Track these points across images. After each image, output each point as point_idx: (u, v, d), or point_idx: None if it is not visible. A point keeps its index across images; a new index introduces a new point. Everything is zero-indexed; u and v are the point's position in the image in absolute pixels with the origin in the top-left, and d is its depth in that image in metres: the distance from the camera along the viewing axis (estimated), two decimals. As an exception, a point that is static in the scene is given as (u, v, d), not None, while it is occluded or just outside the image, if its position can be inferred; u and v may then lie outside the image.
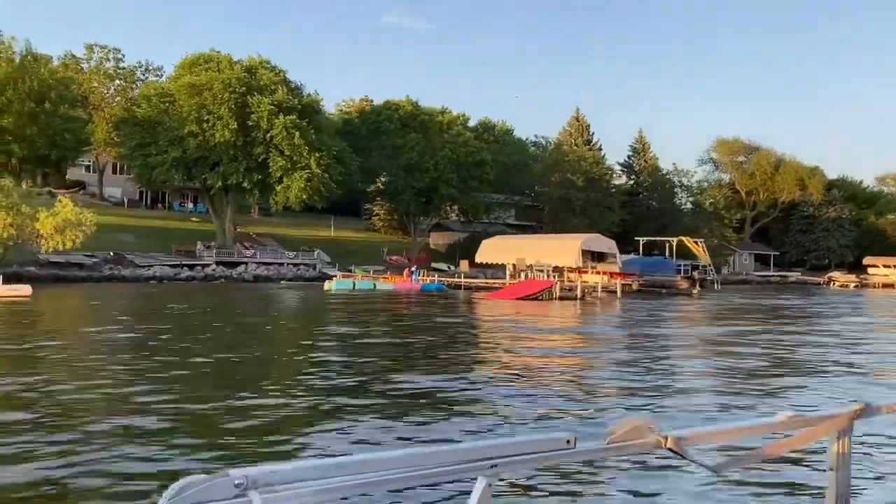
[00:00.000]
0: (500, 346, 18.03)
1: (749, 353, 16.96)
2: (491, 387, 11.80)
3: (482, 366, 14.56)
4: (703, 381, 12.97)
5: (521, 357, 15.93)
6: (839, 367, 14.81)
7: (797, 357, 16.72)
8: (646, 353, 17.10)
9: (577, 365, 15.04)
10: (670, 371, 14.14)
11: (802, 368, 14.92)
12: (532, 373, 13.63)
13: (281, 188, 51.19)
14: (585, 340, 20.47)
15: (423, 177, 60.52)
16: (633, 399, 10.98)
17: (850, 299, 49.36)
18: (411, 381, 12.04)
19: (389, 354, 16.17)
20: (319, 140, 51.86)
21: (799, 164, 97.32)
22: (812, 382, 12.90)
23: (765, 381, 12.96)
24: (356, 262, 58.34)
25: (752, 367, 14.64)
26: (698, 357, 16.92)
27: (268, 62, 55.66)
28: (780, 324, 26.40)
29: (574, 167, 70.31)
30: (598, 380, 12.95)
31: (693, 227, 77.92)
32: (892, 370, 15.10)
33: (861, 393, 11.29)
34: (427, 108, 64.58)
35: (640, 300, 38.78)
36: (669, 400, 10.98)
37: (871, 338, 21.93)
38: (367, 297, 35.58)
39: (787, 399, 11.28)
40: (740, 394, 11.66)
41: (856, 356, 16.72)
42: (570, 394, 11.36)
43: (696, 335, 22.10)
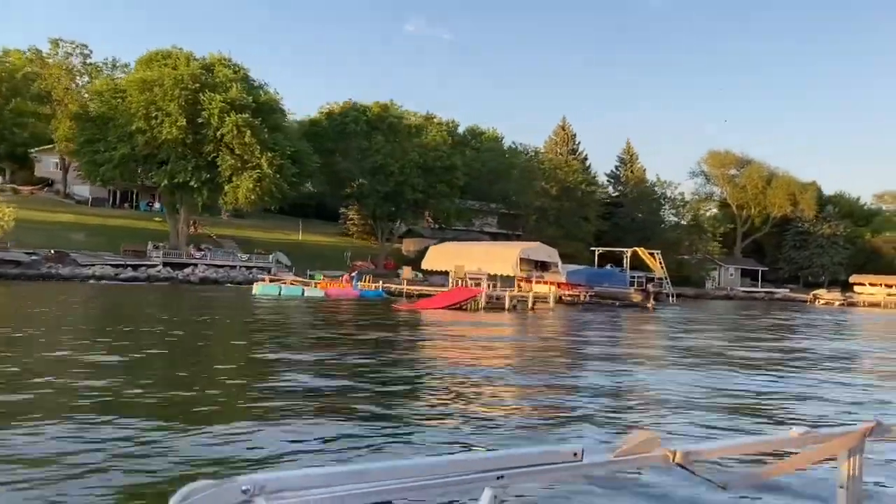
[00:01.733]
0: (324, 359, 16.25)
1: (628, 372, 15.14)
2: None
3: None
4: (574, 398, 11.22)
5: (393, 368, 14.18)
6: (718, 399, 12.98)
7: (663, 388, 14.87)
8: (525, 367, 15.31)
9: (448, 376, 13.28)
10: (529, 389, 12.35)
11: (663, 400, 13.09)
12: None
13: (230, 188, 49.72)
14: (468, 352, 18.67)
15: (389, 180, 58.92)
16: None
17: (825, 318, 47.20)
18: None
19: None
20: (273, 140, 50.40)
21: (791, 179, 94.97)
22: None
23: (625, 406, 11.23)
24: (321, 266, 56.86)
25: (613, 390, 12.84)
26: (575, 373, 15.10)
27: (228, 59, 54.42)
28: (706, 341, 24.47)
29: (549, 176, 68.48)
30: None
31: (674, 241, 75.86)
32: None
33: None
34: (396, 111, 63.03)
35: (580, 313, 36.88)
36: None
37: (794, 365, 19.98)
38: (282, 304, 33.92)
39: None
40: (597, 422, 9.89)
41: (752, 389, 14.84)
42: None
43: (587, 350, 20.24)
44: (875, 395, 14.15)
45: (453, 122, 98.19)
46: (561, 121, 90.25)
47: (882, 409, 12.57)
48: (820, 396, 13.30)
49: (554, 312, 35.19)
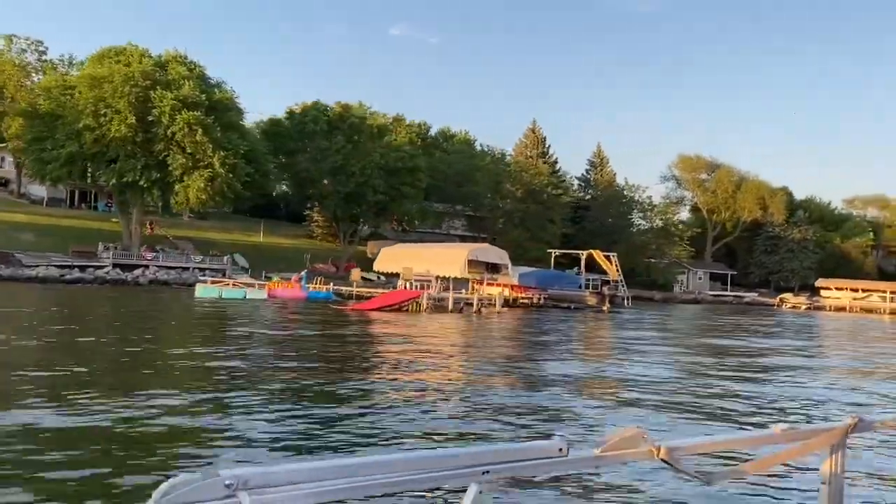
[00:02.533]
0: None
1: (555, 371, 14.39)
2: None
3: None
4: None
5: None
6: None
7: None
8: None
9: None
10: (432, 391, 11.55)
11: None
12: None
13: (181, 188, 48.55)
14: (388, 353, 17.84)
15: (350, 181, 57.97)
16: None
17: (784, 321, 46.90)
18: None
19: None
20: (227, 138, 49.31)
21: (761, 184, 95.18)
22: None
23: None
24: (282, 268, 55.81)
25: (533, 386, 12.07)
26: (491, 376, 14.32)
27: (183, 57, 53.31)
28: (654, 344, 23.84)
29: (515, 178, 67.88)
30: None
31: (641, 244, 75.56)
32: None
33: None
34: (359, 111, 62.10)
35: (530, 315, 36.18)
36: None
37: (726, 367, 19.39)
38: (219, 306, 32.93)
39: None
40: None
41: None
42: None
43: (504, 353, 19.50)
44: (777, 389, 13.53)
45: (424, 125, 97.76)
46: (531, 124, 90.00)
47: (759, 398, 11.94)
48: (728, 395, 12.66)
49: (500, 315, 34.47)
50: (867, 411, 11.23)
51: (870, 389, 15.26)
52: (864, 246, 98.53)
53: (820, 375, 17.58)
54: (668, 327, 34.07)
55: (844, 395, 14.18)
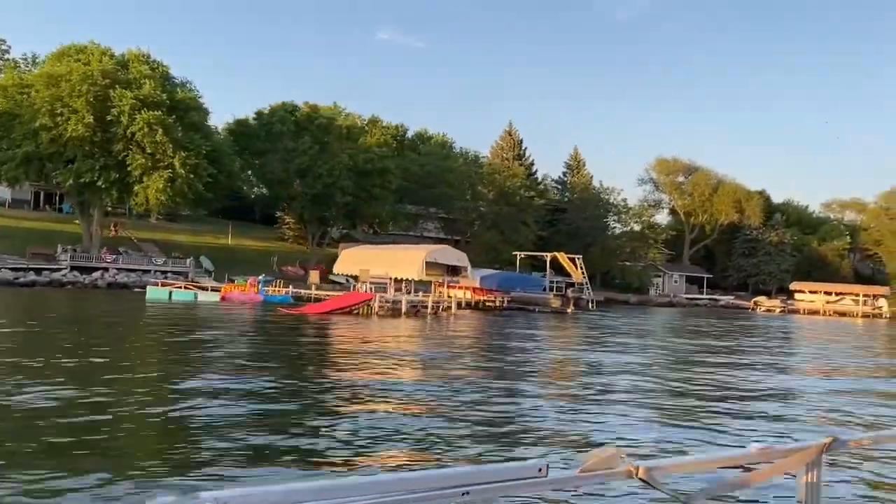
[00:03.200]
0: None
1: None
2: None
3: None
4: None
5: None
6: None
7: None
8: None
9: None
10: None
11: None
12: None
13: (140, 188, 47.59)
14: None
15: (317, 182, 57.14)
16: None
17: (747, 324, 46.54)
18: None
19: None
20: (189, 139, 48.40)
21: (737, 186, 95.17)
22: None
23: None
24: (248, 271, 54.91)
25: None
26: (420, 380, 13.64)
27: (145, 56, 52.38)
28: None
29: (487, 180, 67.29)
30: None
31: (616, 248, 75.20)
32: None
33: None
34: (326, 111, 61.28)
35: (488, 318, 35.56)
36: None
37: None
38: (167, 309, 32.08)
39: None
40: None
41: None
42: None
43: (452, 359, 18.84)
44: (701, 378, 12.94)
45: (402, 127, 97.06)
46: (508, 126, 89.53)
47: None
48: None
49: (456, 318, 33.81)
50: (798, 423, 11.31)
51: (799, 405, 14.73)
52: (840, 249, 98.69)
53: (762, 383, 17.05)
54: (624, 330, 33.54)
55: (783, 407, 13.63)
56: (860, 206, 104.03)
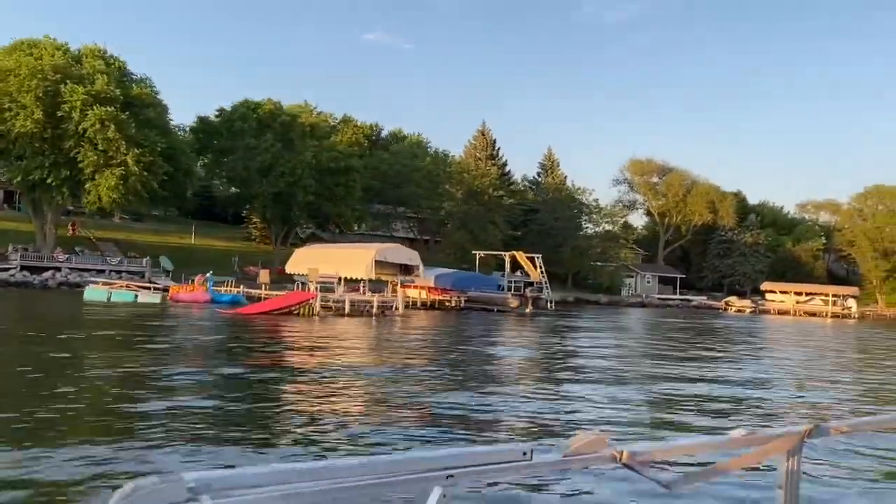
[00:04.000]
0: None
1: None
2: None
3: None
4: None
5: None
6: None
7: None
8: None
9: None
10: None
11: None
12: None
13: (92, 186, 46.43)
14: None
15: (279, 181, 56.13)
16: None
17: (712, 324, 46.10)
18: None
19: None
20: (143, 135, 47.28)
21: (711, 187, 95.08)
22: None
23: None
24: (210, 270, 53.88)
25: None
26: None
27: (100, 51, 51.21)
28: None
29: (456, 179, 66.52)
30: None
31: (587, 248, 74.73)
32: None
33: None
34: (290, 109, 60.25)
35: (439, 318, 34.78)
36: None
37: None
38: (104, 309, 31.04)
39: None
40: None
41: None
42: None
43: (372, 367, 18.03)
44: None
45: (376, 126, 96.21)
46: (481, 125, 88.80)
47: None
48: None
49: (404, 319, 33.02)
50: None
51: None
52: (814, 250, 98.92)
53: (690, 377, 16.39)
54: (578, 329, 32.91)
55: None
56: (834, 208, 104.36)
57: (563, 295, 72.32)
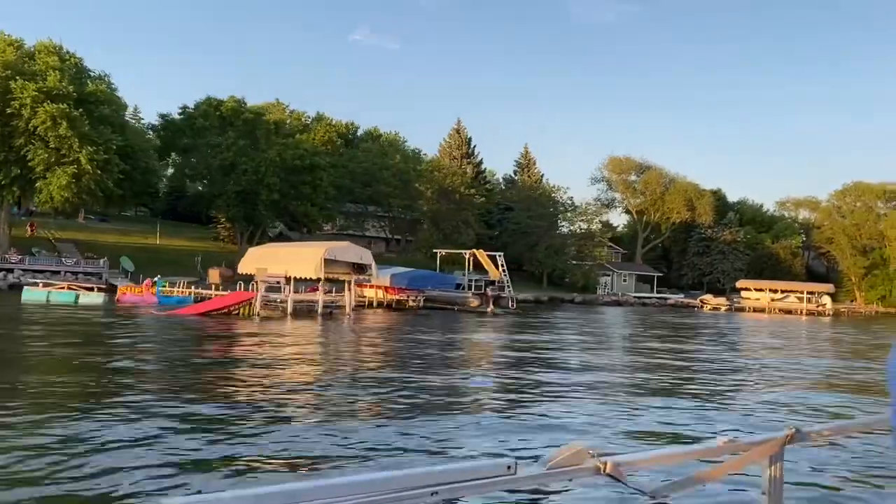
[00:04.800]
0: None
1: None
2: None
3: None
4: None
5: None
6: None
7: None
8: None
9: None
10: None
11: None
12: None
13: (43, 185, 45.26)
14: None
15: (241, 179, 55.04)
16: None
17: (683, 321, 45.42)
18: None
19: None
20: (97, 133, 46.11)
21: (689, 185, 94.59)
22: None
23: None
24: (172, 271, 52.73)
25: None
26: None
27: (56, 47, 49.98)
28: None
29: (426, 178, 65.57)
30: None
31: (560, 246, 74.02)
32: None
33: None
34: (263, 108, 59.09)
35: (392, 319, 33.87)
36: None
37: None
38: (33, 312, 29.96)
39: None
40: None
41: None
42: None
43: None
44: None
45: (352, 124, 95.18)
46: (456, 123, 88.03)
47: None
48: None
49: (357, 320, 32.10)
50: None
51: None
52: (793, 247, 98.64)
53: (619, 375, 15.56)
54: (533, 328, 32.09)
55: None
56: (813, 205, 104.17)
57: (538, 294, 71.57)
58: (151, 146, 53.80)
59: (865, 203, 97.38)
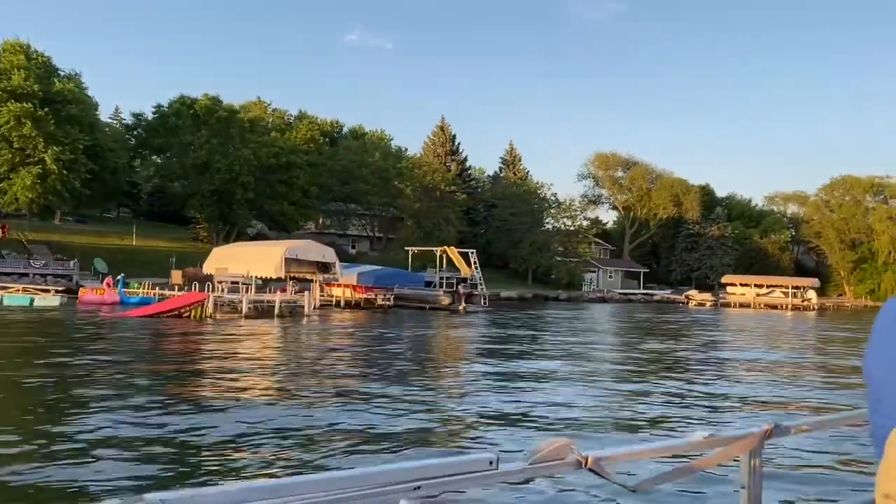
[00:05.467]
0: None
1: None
2: None
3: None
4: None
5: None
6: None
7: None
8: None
9: None
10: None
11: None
12: None
13: (7, 185, 44.55)
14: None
15: (215, 178, 54.31)
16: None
17: (654, 316, 44.84)
18: None
19: None
20: (64, 132, 45.41)
21: (675, 180, 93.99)
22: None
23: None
24: (147, 272, 52.04)
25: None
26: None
27: (24, 46, 49.26)
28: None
29: (406, 175, 64.85)
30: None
31: (543, 243, 73.40)
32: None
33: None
34: (228, 105, 58.31)
35: (358, 319, 33.19)
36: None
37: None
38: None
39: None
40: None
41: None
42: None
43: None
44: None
45: (337, 123, 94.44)
46: (440, 121, 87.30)
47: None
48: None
49: (321, 321, 31.41)
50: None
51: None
52: (781, 242, 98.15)
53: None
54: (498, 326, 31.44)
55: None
56: (802, 199, 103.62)
57: (522, 291, 71.01)
58: (122, 146, 53.04)
59: (854, 197, 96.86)
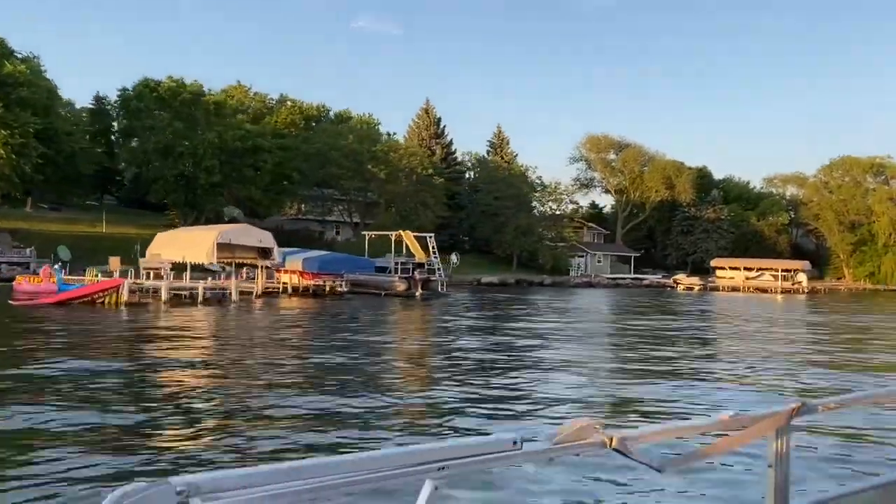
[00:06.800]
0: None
1: None
2: None
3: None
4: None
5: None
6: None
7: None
8: None
9: None
10: None
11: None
12: None
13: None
14: None
15: (179, 163, 52.83)
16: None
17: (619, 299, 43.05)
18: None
19: None
20: (15, 116, 44.03)
21: (668, 162, 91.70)
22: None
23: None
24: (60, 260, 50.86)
25: None
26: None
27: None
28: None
29: (381, 159, 63.01)
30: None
31: (527, 227, 71.57)
32: None
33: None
34: (193, 87, 56.62)
35: (297, 308, 31.69)
36: None
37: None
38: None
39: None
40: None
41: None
42: None
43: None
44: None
45: (323, 107, 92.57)
46: (424, 104, 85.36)
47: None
48: None
49: (239, 307, 29.93)
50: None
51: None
52: (778, 224, 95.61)
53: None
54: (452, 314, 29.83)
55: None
56: (801, 181, 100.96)
57: (504, 277, 69.29)
58: (81, 130, 51.66)
59: (854, 178, 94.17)
